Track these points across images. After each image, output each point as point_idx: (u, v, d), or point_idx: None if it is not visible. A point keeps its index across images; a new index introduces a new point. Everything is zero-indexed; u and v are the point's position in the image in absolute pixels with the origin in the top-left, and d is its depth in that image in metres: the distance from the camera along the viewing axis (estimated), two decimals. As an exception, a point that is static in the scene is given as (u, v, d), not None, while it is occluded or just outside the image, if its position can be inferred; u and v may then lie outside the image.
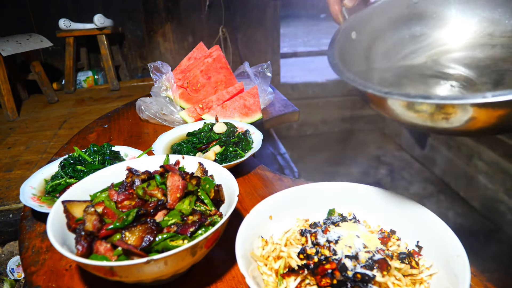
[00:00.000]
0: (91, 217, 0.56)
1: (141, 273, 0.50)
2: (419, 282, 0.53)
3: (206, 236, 0.53)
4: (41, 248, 0.73)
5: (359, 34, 0.68)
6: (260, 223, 0.63)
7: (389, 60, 0.70)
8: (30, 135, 2.45)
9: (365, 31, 0.69)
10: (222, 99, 1.32)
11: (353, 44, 0.67)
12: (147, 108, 1.35)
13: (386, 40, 0.71)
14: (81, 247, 0.53)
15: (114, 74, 3.26)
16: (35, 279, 0.65)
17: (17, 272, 1.53)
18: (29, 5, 3.22)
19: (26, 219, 0.82)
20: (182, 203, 0.61)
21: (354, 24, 0.67)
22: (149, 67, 1.39)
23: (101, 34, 3.10)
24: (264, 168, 1.00)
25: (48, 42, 2.89)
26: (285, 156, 2.40)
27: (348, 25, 0.67)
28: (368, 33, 0.69)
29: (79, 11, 3.28)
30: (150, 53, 3.60)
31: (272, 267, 0.56)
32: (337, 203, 0.69)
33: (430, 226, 0.59)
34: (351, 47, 0.66)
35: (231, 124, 1.07)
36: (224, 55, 1.49)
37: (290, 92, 3.81)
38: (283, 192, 0.68)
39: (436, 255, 0.56)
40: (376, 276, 0.49)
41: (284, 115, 1.49)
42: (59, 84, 3.36)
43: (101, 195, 0.63)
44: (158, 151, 0.98)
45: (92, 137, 1.29)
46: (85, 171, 0.88)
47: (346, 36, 0.66)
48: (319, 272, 0.50)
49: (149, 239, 0.54)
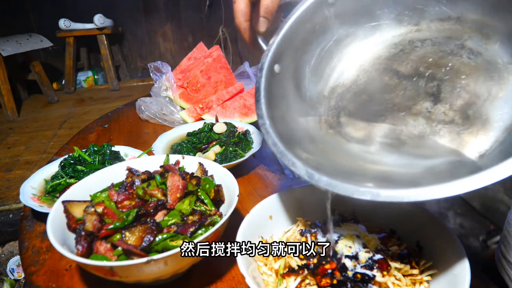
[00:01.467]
0: (91, 217, 0.56)
1: (141, 273, 0.50)
2: (419, 282, 0.53)
3: (206, 236, 0.53)
4: (41, 248, 0.73)
5: (283, 63, 0.61)
6: (260, 223, 0.63)
7: (319, 78, 0.66)
8: (30, 135, 2.46)
9: (288, 55, 0.62)
10: (222, 99, 1.32)
11: (279, 80, 0.61)
12: (147, 108, 1.35)
13: (311, 54, 0.65)
14: (81, 247, 0.53)
15: (114, 74, 3.26)
16: (35, 279, 0.65)
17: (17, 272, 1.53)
18: (29, 5, 3.22)
19: (26, 219, 0.82)
20: (182, 203, 0.61)
21: (275, 54, 0.61)
22: (149, 67, 1.39)
23: (101, 34, 3.10)
24: (264, 168, 1.00)
25: (48, 42, 2.89)
26: (285, 156, 2.40)
27: (268, 59, 0.60)
28: (291, 56, 0.63)
29: (79, 11, 3.28)
30: (150, 53, 3.60)
31: (272, 267, 0.56)
32: (337, 203, 0.69)
33: (430, 226, 0.59)
34: (278, 86, 0.61)
35: (231, 124, 1.07)
36: (224, 55, 1.48)
37: (290, 92, 3.80)
38: (283, 192, 0.68)
39: (436, 255, 0.56)
40: (376, 276, 0.49)
41: (284, 115, 1.48)
42: (59, 84, 3.36)
43: (101, 195, 0.63)
44: (158, 151, 0.98)
45: (92, 137, 1.29)
46: (85, 171, 0.88)
47: (270, 74, 0.60)
48: (319, 273, 0.50)
49: (149, 239, 0.54)
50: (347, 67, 0.66)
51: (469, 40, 0.56)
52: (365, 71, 0.64)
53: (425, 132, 0.55)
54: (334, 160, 0.56)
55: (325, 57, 0.66)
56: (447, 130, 0.54)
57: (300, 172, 0.48)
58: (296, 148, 0.53)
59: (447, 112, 0.55)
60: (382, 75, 0.63)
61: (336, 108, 0.64)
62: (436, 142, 0.54)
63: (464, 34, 0.57)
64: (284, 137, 0.54)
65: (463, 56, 0.56)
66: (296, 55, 0.64)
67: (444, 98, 0.55)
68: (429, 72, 0.58)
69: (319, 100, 0.65)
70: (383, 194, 0.41)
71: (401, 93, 0.59)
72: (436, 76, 0.57)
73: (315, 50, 0.65)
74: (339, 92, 0.65)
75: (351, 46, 0.66)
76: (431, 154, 0.53)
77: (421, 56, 0.60)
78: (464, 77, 0.55)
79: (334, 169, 0.52)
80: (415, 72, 0.59)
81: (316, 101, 0.65)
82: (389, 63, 0.63)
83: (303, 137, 0.60)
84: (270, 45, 0.61)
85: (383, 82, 0.62)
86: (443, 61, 0.57)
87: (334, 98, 0.65)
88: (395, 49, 0.63)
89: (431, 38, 0.60)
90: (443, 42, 0.59)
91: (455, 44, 0.57)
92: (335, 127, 0.62)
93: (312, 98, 0.65)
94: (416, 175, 0.50)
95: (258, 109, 0.56)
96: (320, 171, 0.47)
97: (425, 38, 0.60)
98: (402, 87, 0.60)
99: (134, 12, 3.42)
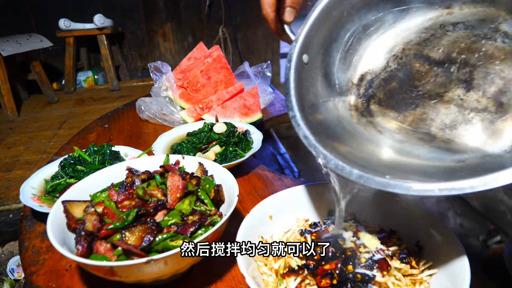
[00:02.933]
0: (91, 217, 0.56)
1: (141, 273, 0.50)
2: (419, 282, 0.53)
3: (206, 236, 0.53)
4: (41, 248, 0.73)
5: (311, 52, 0.60)
6: (260, 223, 0.63)
7: (348, 66, 0.65)
8: (30, 135, 2.45)
9: (316, 44, 0.61)
10: (222, 99, 1.32)
11: (308, 70, 0.60)
12: (147, 108, 1.35)
13: (339, 42, 0.64)
14: (81, 247, 0.53)
15: (114, 74, 3.26)
16: (35, 279, 0.65)
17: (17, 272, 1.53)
18: (29, 5, 3.22)
19: (26, 219, 0.82)
20: (182, 203, 0.61)
21: (303, 44, 0.60)
22: (149, 67, 1.39)
23: (101, 34, 3.10)
24: (264, 168, 1.00)
25: (48, 42, 2.89)
26: (285, 156, 2.40)
27: (297, 50, 0.60)
28: (319, 45, 0.62)
29: (79, 11, 3.28)
30: (150, 53, 3.60)
31: (272, 267, 0.56)
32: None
33: (430, 226, 0.59)
34: (307, 76, 0.60)
35: (231, 124, 1.07)
36: (224, 55, 1.49)
37: (290, 92, 3.80)
38: (283, 192, 0.68)
39: (436, 255, 0.56)
40: (376, 276, 0.49)
41: (284, 115, 1.49)
42: (59, 84, 3.36)
43: (101, 195, 0.63)
44: (158, 151, 0.98)
45: (92, 137, 1.29)
46: (85, 171, 0.88)
47: (299, 65, 0.59)
48: (319, 273, 0.50)
49: (149, 239, 0.54)
50: (376, 53, 0.65)
51: (504, 23, 0.54)
52: (395, 57, 0.63)
53: (457, 121, 0.54)
54: (366, 151, 0.56)
55: (353, 44, 0.65)
56: (480, 118, 0.52)
57: (331, 165, 0.47)
58: (327, 140, 0.53)
59: (480, 99, 0.53)
60: (413, 61, 0.61)
61: (365, 95, 0.63)
62: (468, 132, 0.52)
63: (498, 16, 0.54)
64: (314, 129, 0.53)
65: (497, 40, 0.54)
66: (324, 43, 0.63)
67: (477, 85, 0.54)
68: (461, 57, 0.56)
69: (348, 87, 0.64)
70: (415, 188, 0.40)
71: (432, 80, 0.58)
72: (469, 61, 0.55)
73: (343, 37, 0.64)
74: (368, 79, 0.64)
75: (379, 31, 0.64)
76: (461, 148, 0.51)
77: (453, 40, 0.57)
78: (498, 62, 0.53)
79: (366, 161, 0.52)
80: (446, 58, 0.57)
81: (345, 89, 0.64)
82: (419, 49, 0.61)
83: (334, 127, 0.59)
84: (298, 34, 0.60)
85: (413, 69, 0.60)
86: (476, 45, 0.55)
87: (363, 86, 0.64)
88: (425, 33, 0.61)
89: (464, 21, 0.57)
90: (476, 26, 0.56)
91: (489, 28, 0.55)
92: (366, 116, 0.61)
93: (341, 85, 0.64)
94: (447, 169, 0.49)
95: (288, 101, 0.55)
96: (351, 163, 0.46)
97: (457, 22, 0.58)
98: (433, 74, 0.58)
99: (134, 12, 3.42)
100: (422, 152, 0.54)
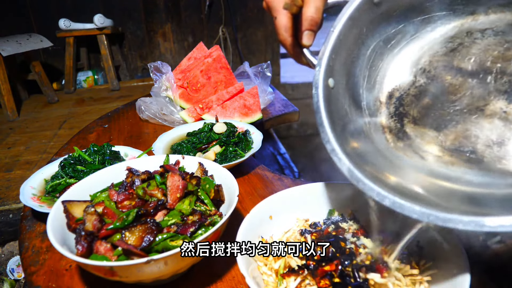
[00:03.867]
0: (91, 217, 0.56)
1: (141, 273, 0.50)
2: (419, 282, 0.53)
3: (206, 236, 0.53)
4: (41, 248, 0.73)
5: (336, 75, 0.56)
6: (260, 223, 0.63)
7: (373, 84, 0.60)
8: (30, 135, 2.45)
9: (339, 66, 0.57)
10: (222, 99, 1.32)
11: (335, 95, 0.56)
12: (147, 108, 1.35)
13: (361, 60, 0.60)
14: (81, 247, 0.53)
15: (114, 74, 3.26)
16: (35, 279, 0.65)
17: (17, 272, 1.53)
18: (29, 5, 3.22)
19: (26, 219, 0.82)
20: (182, 203, 0.61)
21: (327, 68, 0.55)
22: (149, 67, 1.39)
23: (101, 34, 3.10)
24: (264, 168, 1.00)
25: (48, 42, 2.89)
26: (285, 156, 2.40)
27: (322, 75, 0.55)
28: (342, 66, 0.58)
29: (79, 11, 3.28)
30: (150, 53, 3.60)
31: (272, 267, 0.56)
32: (337, 203, 0.69)
33: (430, 227, 0.58)
34: (336, 102, 0.55)
35: (231, 124, 1.07)
36: (224, 55, 1.49)
37: (290, 92, 3.81)
38: (283, 192, 0.68)
39: (436, 255, 0.56)
40: (376, 277, 0.49)
41: (284, 115, 1.49)
42: (59, 84, 3.36)
43: (101, 195, 0.63)
44: (158, 151, 0.98)
45: (92, 137, 1.29)
46: (85, 171, 0.88)
47: (326, 91, 0.55)
48: (319, 274, 0.50)
49: (149, 239, 0.54)
50: (401, 68, 0.60)
51: None
52: (422, 70, 0.59)
53: (505, 136, 0.49)
54: (414, 181, 0.51)
55: (376, 60, 0.61)
56: None
57: (387, 203, 0.44)
58: (372, 171, 0.48)
59: None
60: (443, 73, 0.57)
61: (397, 114, 0.58)
62: None
63: None
64: (356, 160, 0.49)
65: None
66: (347, 63, 0.59)
67: None
68: (496, 66, 0.52)
69: (376, 107, 0.60)
70: (488, 224, 0.36)
71: (469, 93, 0.53)
72: (506, 70, 0.51)
73: (365, 54, 0.60)
74: (397, 96, 0.60)
75: (401, 44, 0.61)
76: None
77: (484, 49, 0.53)
78: None
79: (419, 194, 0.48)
80: (480, 68, 0.53)
81: (374, 109, 0.60)
82: (448, 60, 0.57)
83: (374, 156, 0.54)
84: (320, 58, 0.56)
85: (445, 82, 0.56)
86: (510, 52, 0.51)
87: (392, 104, 0.60)
88: (452, 43, 0.57)
89: (492, 27, 0.53)
90: (507, 31, 0.52)
91: None
92: (403, 138, 0.57)
93: (370, 106, 0.60)
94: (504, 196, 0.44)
95: (323, 133, 0.51)
96: (407, 198, 0.42)
97: (484, 28, 0.54)
98: (468, 86, 0.54)
99: (134, 12, 3.41)
100: (472, 177, 0.49)
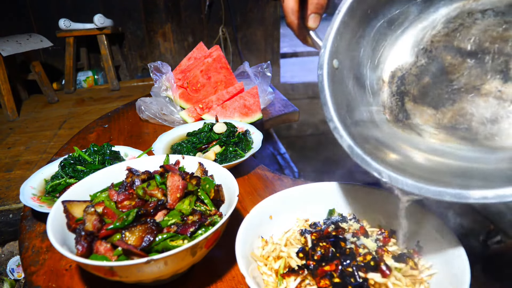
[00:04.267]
0: (91, 217, 0.56)
1: (141, 273, 0.50)
2: (419, 282, 0.53)
3: (206, 236, 0.53)
4: (41, 248, 0.73)
5: (340, 56, 0.58)
6: (260, 223, 0.63)
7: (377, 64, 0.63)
8: (30, 135, 2.45)
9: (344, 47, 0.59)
10: (222, 99, 1.32)
11: (340, 75, 0.58)
12: (147, 108, 1.35)
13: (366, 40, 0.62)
14: (81, 247, 0.53)
15: (114, 74, 3.26)
16: (35, 279, 0.65)
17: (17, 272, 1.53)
18: (29, 5, 3.22)
19: (26, 219, 0.82)
20: (182, 203, 0.61)
21: (332, 48, 0.58)
22: (149, 67, 1.40)
23: (101, 34, 3.10)
24: (264, 168, 1.00)
25: (48, 42, 2.89)
26: (285, 156, 2.40)
27: (327, 56, 0.57)
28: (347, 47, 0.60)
29: (79, 11, 3.28)
30: (150, 53, 3.60)
31: (272, 267, 0.56)
32: (337, 203, 0.69)
33: (430, 226, 0.59)
34: (340, 82, 0.57)
35: (231, 124, 1.07)
36: (224, 55, 1.49)
37: (290, 92, 3.81)
38: (283, 192, 0.68)
39: (436, 255, 0.56)
40: (376, 277, 0.49)
41: (284, 115, 1.49)
42: (59, 84, 3.36)
43: (101, 195, 0.63)
44: (158, 151, 0.98)
45: (92, 137, 1.29)
46: (85, 171, 0.88)
47: (331, 71, 0.57)
48: (319, 274, 0.50)
49: (149, 239, 0.54)
50: (404, 48, 0.62)
51: None
52: (424, 50, 0.60)
53: (498, 114, 0.52)
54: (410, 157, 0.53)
55: (379, 41, 0.62)
56: None
57: (384, 177, 0.46)
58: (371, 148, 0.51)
59: None
60: (443, 54, 0.58)
61: (398, 93, 0.61)
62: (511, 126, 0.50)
63: None
64: (357, 138, 0.51)
65: None
66: (351, 44, 0.61)
67: None
68: (495, 47, 0.53)
69: (379, 86, 0.63)
70: (473, 196, 0.39)
71: (467, 73, 0.55)
72: (503, 50, 0.52)
73: (369, 35, 0.62)
74: (399, 75, 0.62)
75: (404, 25, 0.62)
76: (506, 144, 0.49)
77: (484, 29, 0.55)
78: None
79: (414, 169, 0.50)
80: (479, 48, 0.55)
81: (377, 88, 0.62)
82: (449, 40, 0.58)
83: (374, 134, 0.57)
84: (325, 40, 0.58)
85: (445, 62, 0.58)
86: (508, 33, 0.52)
87: (395, 83, 0.62)
88: (453, 23, 0.58)
89: (493, 7, 0.54)
90: (507, 11, 0.53)
91: None
92: (403, 118, 0.59)
93: (373, 85, 0.62)
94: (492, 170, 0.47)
95: (326, 112, 0.53)
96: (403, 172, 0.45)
97: (485, 9, 0.55)
98: (467, 66, 0.56)
99: (134, 12, 3.42)
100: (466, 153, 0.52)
